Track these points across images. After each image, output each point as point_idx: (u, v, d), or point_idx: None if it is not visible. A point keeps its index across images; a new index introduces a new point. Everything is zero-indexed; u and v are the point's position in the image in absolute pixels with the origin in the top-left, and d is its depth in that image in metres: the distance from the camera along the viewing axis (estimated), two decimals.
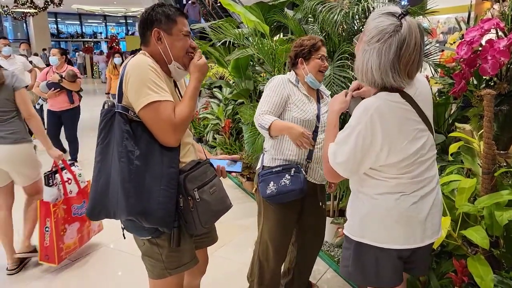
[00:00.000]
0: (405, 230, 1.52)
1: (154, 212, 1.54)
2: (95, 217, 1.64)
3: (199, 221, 1.63)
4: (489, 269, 1.80)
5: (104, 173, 1.58)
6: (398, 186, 1.50)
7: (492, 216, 1.93)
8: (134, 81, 1.55)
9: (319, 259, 3.15)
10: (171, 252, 1.69)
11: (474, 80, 2.44)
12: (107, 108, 1.60)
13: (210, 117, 6.21)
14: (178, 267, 1.72)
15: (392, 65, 1.38)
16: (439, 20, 8.45)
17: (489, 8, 3.90)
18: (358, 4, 2.95)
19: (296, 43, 2.32)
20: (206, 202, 1.65)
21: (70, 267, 3.18)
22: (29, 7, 16.13)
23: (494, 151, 2.01)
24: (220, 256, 3.22)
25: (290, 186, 2.13)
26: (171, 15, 1.67)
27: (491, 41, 2.10)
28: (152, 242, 1.68)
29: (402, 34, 1.35)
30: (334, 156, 1.50)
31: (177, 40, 1.68)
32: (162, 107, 1.54)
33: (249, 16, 4.15)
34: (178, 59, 1.69)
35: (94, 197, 1.61)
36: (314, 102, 2.27)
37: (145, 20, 1.68)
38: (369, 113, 1.41)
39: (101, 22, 31.28)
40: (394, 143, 1.43)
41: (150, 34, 1.66)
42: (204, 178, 1.69)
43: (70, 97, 5.47)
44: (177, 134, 1.59)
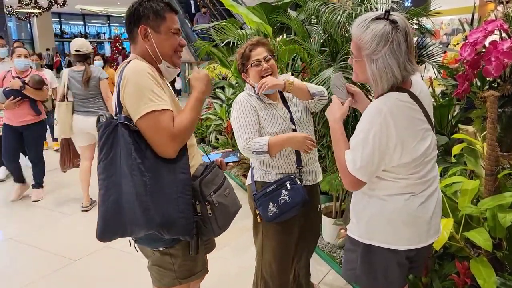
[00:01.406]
0: (413, 230, 1.52)
1: (175, 222, 1.46)
2: (108, 238, 1.51)
3: (217, 225, 1.58)
4: (491, 271, 1.80)
5: (114, 190, 1.46)
6: (408, 187, 1.50)
7: (495, 218, 1.92)
8: (131, 90, 1.46)
9: (321, 260, 3.15)
10: (185, 261, 1.64)
11: (478, 82, 2.43)
12: (105, 121, 1.48)
13: (213, 117, 6.22)
14: (189, 276, 1.67)
15: (407, 58, 1.42)
16: (443, 22, 8.43)
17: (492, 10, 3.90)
18: (361, 5, 2.95)
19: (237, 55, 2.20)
20: (223, 205, 1.59)
21: (71, 266, 3.19)
22: (33, 7, 16.17)
23: (497, 153, 2.01)
24: (222, 257, 3.22)
25: (291, 201, 2.02)
26: (160, 11, 1.57)
27: (494, 42, 2.10)
28: (165, 253, 1.62)
29: (401, 26, 1.39)
30: (354, 162, 1.46)
31: (166, 38, 1.59)
32: (160, 117, 1.45)
33: (252, 17, 4.15)
34: (166, 58, 1.61)
35: (105, 217, 1.47)
36: (281, 107, 2.14)
37: (132, 15, 1.58)
38: (382, 114, 1.40)
39: (105, 22, 31.35)
40: (406, 143, 1.43)
41: (137, 31, 1.57)
42: (218, 181, 1.62)
43: (35, 107, 4.40)
44: (175, 145, 1.49)
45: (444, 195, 2.12)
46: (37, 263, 3.23)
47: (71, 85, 4.18)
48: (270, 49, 2.15)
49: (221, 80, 7.00)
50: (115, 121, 1.47)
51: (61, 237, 3.69)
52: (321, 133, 3.33)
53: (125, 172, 1.43)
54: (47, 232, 3.83)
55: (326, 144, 3.21)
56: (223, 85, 6.68)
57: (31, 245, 3.54)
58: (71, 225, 3.98)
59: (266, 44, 2.14)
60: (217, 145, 5.91)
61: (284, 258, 2.21)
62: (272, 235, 2.16)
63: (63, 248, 3.44)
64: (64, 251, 3.40)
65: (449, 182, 2.19)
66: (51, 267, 3.15)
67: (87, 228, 3.86)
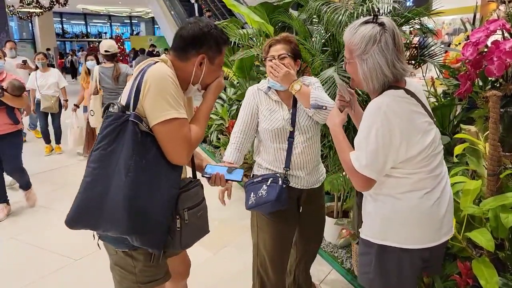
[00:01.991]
0: (427, 229, 1.54)
1: (151, 233, 1.46)
2: (76, 227, 1.49)
3: (179, 242, 1.55)
4: (494, 271, 1.79)
5: (102, 183, 1.43)
6: (420, 182, 1.52)
7: (497, 218, 1.92)
8: (154, 92, 1.43)
9: (322, 260, 3.14)
10: (146, 267, 1.61)
11: (480, 82, 2.43)
12: (117, 112, 1.44)
13: (214, 117, 6.21)
14: (150, 282, 1.63)
15: (396, 56, 1.47)
16: (444, 21, 8.42)
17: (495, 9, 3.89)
18: (363, 4, 2.94)
19: None
20: (192, 224, 1.57)
21: (72, 266, 3.19)
22: (34, 7, 16.21)
23: (499, 153, 2.00)
24: (223, 256, 3.22)
25: (265, 197, 2.07)
26: (221, 44, 1.59)
27: (497, 42, 2.09)
28: (127, 254, 1.60)
29: (389, 27, 1.47)
30: (359, 161, 1.48)
31: (214, 70, 1.61)
32: (181, 125, 1.47)
33: (254, 17, 4.15)
34: (204, 84, 1.63)
35: (82, 206, 1.45)
36: (286, 107, 2.15)
37: (196, 39, 1.55)
38: (381, 110, 1.44)
39: (106, 22, 31.41)
40: (411, 136, 1.46)
41: (195, 55, 1.55)
42: (196, 200, 1.60)
43: (12, 115, 3.98)
44: (189, 154, 1.53)
45: None
46: (38, 263, 3.24)
47: (102, 80, 5.03)
48: (292, 48, 2.13)
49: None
50: (126, 116, 1.44)
51: (62, 237, 3.68)
52: (323, 133, 3.33)
53: (120, 170, 1.41)
54: (48, 231, 3.83)
55: (328, 144, 3.20)
56: (225, 85, 6.67)
57: (32, 245, 3.55)
58: None
59: (290, 42, 2.14)
60: (219, 144, 5.91)
61: (276, 253, 2.23)
62: (265, 226, 2.21)
63: (64, 248, 3.45)
64: (65, 250, 3.40)
65: (451, 182, 2.18)
66: (52, 266, 3.16)
67: None
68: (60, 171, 5.68)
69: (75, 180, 4.81)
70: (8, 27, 12.83)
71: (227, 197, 2.15)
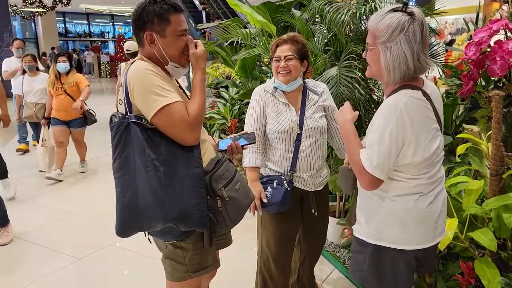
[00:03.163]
0: (421, 230, 1.53)
1: (191, 215, 1.50)
2: (126, 234, 1.56)
3: (229, 218, 1.60)
4: (496, 271, 1.79)
5: (129, 187, 1.50)
6: (418, 186, 1.50)
7: (500, 218, 1.91)
8: (139, 89, 1.49)
9: (324, 260, 3.14)
10: (195, 255, 1.67)
11: (482, 81, 2.42)
12: (117, 120, 1.52)
13: (217, 116, 6.21)
14: (200, 270, 1.69)
15: (421, 48, 1.43)
16: (447, 21, 8.41)
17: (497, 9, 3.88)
18: (366, 4, 2.94)
19: None
20: (234, 199, 1.61)
21: (75, 265, 3.20)
22: (37, 6, 16.22)
23: (502, 153, 2.00)
24: (227, 255, 3.21)
25: (270, 199, 2.07)
26: (164, 14, 1.55)
27: (499, 42, 2.09)
28: (176, 246, 1.66)
29: (418, 18, 1.42)
30: (369, 161, 1.45)
31: (172, 41, 1.58)
32: (173, 109, 1.49)
33: (256, 16, 4.15)
34: (173, 60, 1.62)
35: (122, 213, 1.52)
36: (293, 108, 2.14)
37: (137, 21, 1.58)
38: (398, 109, 1.41)
39: (109, 21, 31.41)
40: (419, 141, 1.44)
41: (143, 36, 1.57)
42: (228, 175, 1.64)
43: None
44: (194, 132, 1.54)
45: (449, 195, 2.12)
46: (41, 262, 3.25)
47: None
48: (299, 49, 2.11)
49: (225, 80, 7.00)
50: (126, 120, 1.50)
51: (65, 236, 3.70)
52: None
53: (140, 169, 1.48)
54: (51, 230, 3.84)
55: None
56: (227, 85, 6.68)
57: (35, 243, 3.56)
58: (75, 223, 3.99)
59: (297, 43, 2.11)
60: None
61: (280, 253, 2.23)
62: (268, 225, 2.21)
63: (67, 247, 3.46)
64: (68, 249, 3.41)
65: (454, 182, 2.19)
66: (55, 265, 3.16)
67: (91, 226, 3.88)
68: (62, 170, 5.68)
69: (75, 180, 4.80)
70: (11, 27, 12.86)
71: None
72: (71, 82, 5.10)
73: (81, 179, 5.33)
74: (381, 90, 3.13)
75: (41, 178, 5.20)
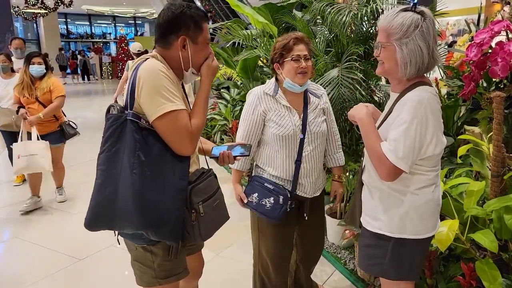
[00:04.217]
0: (436, 217, 1.66)
1: (166, 226, 1.48)
2: (94, 228, 1.54)
3: (199, 233, 1.57)
4: (497, 273, 1.79)
5: (111, 183, 1.48)
6: (434, 178, 1.61)
7: (501, 220, 1.91)
8: (148, 88, 1.46)
9: (325, 261, 3.14)
10: (165, 262, 1.63)
11: (484, 83, 2.42)
12: (115, 113, 1.49)
13: (218, 117, 6.23)
14: (169, 277, 1.66)
15: (434, 43, 1.51)
16: (449, 22, 8.40)
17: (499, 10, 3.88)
18: (367, 5, 2.94)
19: (272, 47, 2.14)
20: (209, 215, 1.59)
21: (76, 266, 3.20)
22: (39, 7, 16.28)
23: (503, 154, 2.00)
24: (226, 256, 3.22)
25: (266, 211, 2.06)
26: (199, 22, 1.56)
27: (501, 43, 2.09)
28: (146, 249, 1.62)
29: (428, 16, 1.50)
30: (395, 152, 1.48)
31: (201, 49, 1.60)
32: (179, 117, 1.48)
33: (258, 17, 4.15)
34: (196, 66, 1.62)
35: (97, 207, 1.51)
36: (295, 112, 2.08)
37: (172, 23, 1.54)
38: (423, 105, 1.47)
39: (111, 22, 31.49)
40: (438, 134, 1.52)
41: (176, 39, 1.55)
42: (209, 191, 1.62)
43: None
44: (193, 143, 1.54)
45: (450, 196, 2.11)
46: (42, 262, 3.25)
47: None
48: (310, 49, 2.10)
49: (226, 81, 7.00)
50: (124, 116, 1.48)
51: (66, 236, 3.70)
52: None
53: (126, 168, 1.45)
54: (52, 231, 3.84)
55: None
56: (228, 86, 6.69)
57: (36, 244, 3.56)
58: (76, 224, 3.99)
59: (308, 43, 2.10)
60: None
61: (279, 256, 2.21)
62: (266, 230, 2.18)
63: (68, 247, 3.46)
64: (69, 250, 3.41)
65: (455, 183, 2.18)
66: (56, 266, 3.17)
67: None
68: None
69: (76, 180, 4.76)
70: (13, 28, 12.89)
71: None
72: (44, 88, 4.14)
73: (80, 179, 5.33)
74: (382, 91, 3.13)
75: None
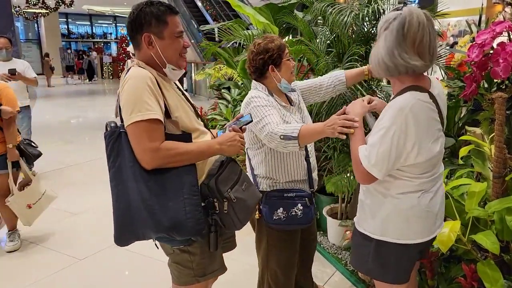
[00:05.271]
0: (424, 225, 1.58)
1: (183, 224, 1.48)
2: (125, 243, 1.57)
3: (238, 219, 1.61)
4: (499, 274, 1.79)
5: (123, 197, 1.51)
6: (421, 185, 1.54)
7: (502, 221, 1.91)
8: (125, 98, 1.48)
9: (326, 261, 3.14)
10: (203, 260, 1.66)
11: (485, 83, 2.41)
12: (110, 130, 1.52)
13: (219, 118, 6.22)
14: (207, 274, 1.69)
15: (398, 44, 1.45)
16: (450, 23, 8.39)
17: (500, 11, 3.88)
18: (368, 6, 2.94)
19: (257, 50, 2.02)
20: (241, 199, 1.61)
21: (77, 266, 3.20)
22: (40, 7, 16.30)
23: (505, 155, 1.99)
24: (227, 257, 3.21)
25: (300, 218, 2.00)
26: (161, 16, 1.54)
27: (502, 44, 2.08)
28: (183, 250, 1.65)
29: (402, 16, 1.44)
30: (369, 159, 1.48)
31: (170, 43, 1.58)
32: (144, 128, 1.45)
33: (259, 18, 4.15)
34: (172, 62, 1.60)
35: (119, 223, 1.53)
36: (294, 111, 2.10)
37: (133, 23, 1.56)
38: (404, 113, 1.43)
39: (111, 23, 31.51)
40: (423, 143, 1.47)
41: (141, 38, 1.55)
42: (234, 176, 1.64)
43: None
44: (153, 159, 1.46)
45: (451, 197, 2.11)
46: (42, 262, 3.25)
47: None
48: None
49: (227, 81, 7.00)
50: (118, 130, 1.51)
51: (67, 236, 3.71)
52: None
53: (131, 180, 1.48)
54: (53, 231, 3.84)
55: (332, 145, 3.19)
56: (229, 86, 6.68)
57: (37, 244, 3.57)
58: (77, 224, 4.00)
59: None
60: None
61: (289, 266, 2.17)
62: (278, 243, 2.11)
63: (68, 247, 3.46)
64: (70, 250, 3.41)
65: (456, 184, 2.18)
66: (56, 266, 3.17)
67: (93, 227, 3.88)
68: (63, 171, 5.64)
69: (77, 180, 4.76)
70: (14, 28, 12.88)
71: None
72: None
73: (81, 179, 5.33)
74: (383, 92, 3.12)
75: (40, 179, 5.20)
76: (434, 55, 1.49)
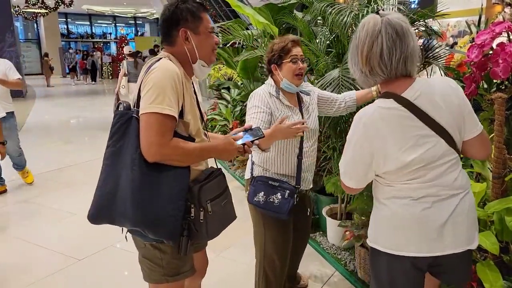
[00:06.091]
0: (417, 238, 1.43)
1: (163, 223, 1.48)
2: (97, 222, 1.58)
3: (206, 232, 1.59)
4: (498, 275, 1.79)
5: (113, 178, 1.51)
6: (405, 190, 1.44)
7: (502, 221, 1.91)
8: (149, 86, 1.47)
9: (326, 262, 3.14)
10: (173, 259, 1.65)
11: (485, 84, 2.41)
12: (122, 110, 1.53)
13: (218, 118, 6.22)
14: (177, 275, 1.67)
15: (354, 55, 1.50)
16: (449, 23, 8.40)
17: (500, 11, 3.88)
18: (368, 6, 2.94)
19: (268, 48, 2.20)
20: (217, 214, 1.60)
21: (76, 266, 3.19)
22: (40, 7, 16.31)
23: (504, 155, 1.99)
24: (226, 257, 3.21)
25: (275, 207, 2.08)
26: (196, 12, 1.60)
27: (502, 44, 2.08)
28: (155, 246, 1.63)
29: (356, 30, 1.51)
30: (340, 167, 1.53)
31: (205, 38, 1.62)
32: (158, 121, 1.45)
33: (258, 18, 4.15)
34: (204, 57, 1.64)
35: (100, 201, 1.54)
36: (297, 112, 2.19)
37: (170, 19, 1.59)
38: (361, 122, 1.43)
39: (111, 22, 31.51)
40: (389, 151, 1.40)
41: (177, 34, 1.59)
42: (218, 190, 1.64)
43: None
44: (158, 153, 1.46)
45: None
46: (42, 262, 3.25)
47: (128, 67, 7.38)
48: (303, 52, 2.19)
49: (227, 81, 7.00)
50: (130, 113, 1.51)
51: (66, 237, 3.70)
52: (327, 134, 3.32)
53: (127, 165, 1.48)
54: (52, 231, 3.84)
55: (332, 145, 3.20)
56: (229, 86, 6.68)
57: (36, 244, 3.56)
58: (76, 224, 3.99)
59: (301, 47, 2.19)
60: None
61: (285, 252, 2.25)
62: (273, 226, 2.20)
63: (68, 248, 3.46)
64: (69, 250, 3.41)
65: None
66: (56, 266, 3.16)
67: (92, 227, 3.86)
68: (63, 171, 5.64)
69: (76, 180, 4.76)
70: (14, 28, 12.88)
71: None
72: None
73: (81, 179, 5.33)
74: None
75: (40, 179, 5.21)
76: (394, 63, 1.40)
